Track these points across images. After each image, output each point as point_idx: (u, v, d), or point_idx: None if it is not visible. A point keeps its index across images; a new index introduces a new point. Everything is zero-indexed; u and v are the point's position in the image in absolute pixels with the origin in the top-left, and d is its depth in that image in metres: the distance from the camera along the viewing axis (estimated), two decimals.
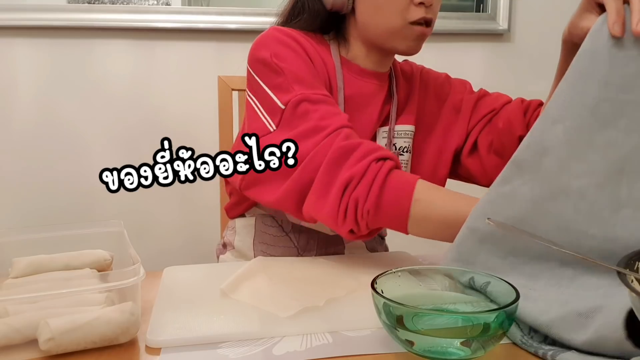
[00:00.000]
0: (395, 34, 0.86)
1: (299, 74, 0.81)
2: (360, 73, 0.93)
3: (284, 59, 0.82)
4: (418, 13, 0.85)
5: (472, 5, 1.80)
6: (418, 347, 0.49)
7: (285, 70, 0.81)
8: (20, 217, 1.65)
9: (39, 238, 0.77)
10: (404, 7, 0.84)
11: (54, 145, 1.65)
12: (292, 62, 0.83)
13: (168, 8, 1.65)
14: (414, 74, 1.02)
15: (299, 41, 0.86)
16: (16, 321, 0.54)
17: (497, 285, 0.55)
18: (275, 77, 0.81)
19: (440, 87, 1.02)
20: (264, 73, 0.83)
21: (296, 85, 0.80)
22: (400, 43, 0.87)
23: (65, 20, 1.59)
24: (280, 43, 0.84)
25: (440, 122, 0.99)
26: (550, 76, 0.87)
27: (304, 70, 0.83)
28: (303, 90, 0.79)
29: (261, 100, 0.82)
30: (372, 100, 0.93)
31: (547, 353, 0.51)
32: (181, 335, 0.56)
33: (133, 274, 0.57)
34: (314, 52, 0.88)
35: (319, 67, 0.87)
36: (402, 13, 0.84)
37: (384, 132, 0.94)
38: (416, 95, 1.00)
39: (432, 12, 0.87)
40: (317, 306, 0.62)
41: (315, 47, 0.89)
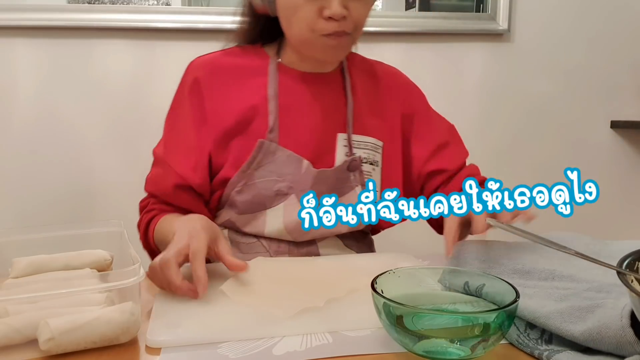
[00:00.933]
0: (308, 45, 0.85)
1: (168, 136, 0.93)
2: (298, 77, 0.92)
3: (170, 117, 0.94)
4: (328, 27, 0.81)
5: (472, 5, 1.80)
6: (418, 347, 0.49)
7: (165, 127, 0.94)
8: (20, 217, 1.65)
9: (39, 238, 0.77)
10: (311, 20, 0.81)
11: (54, 145, 1.65)
12: (172, 120, 0.93)
13: (168, 8, 1.65)
14: (384, 76, 1.01)
15: (198, 78, 0.90)
16: (16, 321, 0.54)
17: (493, 286, 0.55)
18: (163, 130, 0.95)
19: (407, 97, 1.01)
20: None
21: (161, 144, 0.93)
22: (317, 53, 0.86)
23: (65, 20, 1.59)
24: (179, 85, 0.94)
25: (401, 131, 0.99)
26: (550, 76, 0.87)
27: (179, 127, 0.91)
28: (158, 146, 0.93)
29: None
30: (316, 104, 0.92)
31: (542, 354, 0.51)
32: (181, 335, 0.56)
33: (133, 274, 0.57)
34: (222, 78, 0.91)
35: (221, 90, 0.90)
36: (310, 26, 0.82)
37: (344, 140, 0.93)
38: (384, 100, 0.98)
39: (348, 24, 0.82)
40: (317, 307, 0.62)
41: (238, 66, 0.92)
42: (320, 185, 0.89)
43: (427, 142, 0.99)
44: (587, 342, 0.49)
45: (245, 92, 0.91)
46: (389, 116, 0.98)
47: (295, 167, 0.89)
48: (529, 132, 1.90)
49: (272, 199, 0.89)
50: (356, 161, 0.92)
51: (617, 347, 0.47)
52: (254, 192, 0.88)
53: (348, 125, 0.93)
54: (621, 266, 0.47)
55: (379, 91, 0.99)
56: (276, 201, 0.89)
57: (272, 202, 0.89)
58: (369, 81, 0.98)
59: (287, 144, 0.89)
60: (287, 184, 0.88)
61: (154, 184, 0.93)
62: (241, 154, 0.89)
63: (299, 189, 0.89)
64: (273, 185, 0.88)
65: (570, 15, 1.86)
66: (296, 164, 0.89)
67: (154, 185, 0.93)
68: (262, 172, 0.88)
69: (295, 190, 0.89)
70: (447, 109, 1.83)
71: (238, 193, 0.89)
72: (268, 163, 0.88)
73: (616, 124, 1.93)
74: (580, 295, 0.56)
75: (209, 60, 0.94)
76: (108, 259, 0.75)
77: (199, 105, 0.91)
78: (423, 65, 1.81)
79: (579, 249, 0.58)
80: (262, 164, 0.88)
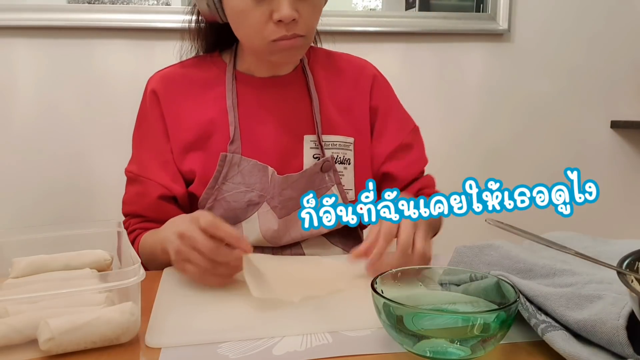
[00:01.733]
0: (259, 50, 0.82)
1: (136, 153, 0.93)
2: (256, 84, 0.91)
3: (135, 126, 0.94)
4: (277, 32, 0.78)
5: (472, 5, 1.80)
6: (418, 347, 0.49)
7: (133, 146, 0.94)
8: (20, 217, 1.64)
9: (39, 238, 0.77)
10: (260, 26, 0.78)
11: (54, 145, 1.65)
12: (137, 129, 0.94)
13: (168, 8, 1.65)
14: (348, 69, 0.97)
15: (157, 93, 0.91)
16: (16, 321, 0.54)
17: (493, 286, 0.55)
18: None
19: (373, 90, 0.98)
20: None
21: (130, 163, 0.93)
22: (270, 57, 0.83)
23: (65, 20, 1.59)
24: (141, 103, 0.95)
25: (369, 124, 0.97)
26: (550, 76, 0.88)
27: (145, 136, 0.92)
28: (130, 167, 0.92)
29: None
30: (277, 109, 0.91)
31: (539, 325, 0.51)
32: (181, 335, 0.56)
33: (133, 274, 0.57)
34: (179, 93, 0.91)
35: (179, 105, 0.90)
36: (260, 32, 0.79)
37: (311, 142, 0.91)
38: (350, 94, 0.96)
39: (297, 26, 0.79)
40: (319, 296, 0.63)
41: (192, 81, 0.92)
42: (291, 190, 0.89)
43: (388, 140, 0.97)
44: (580, 331, 0.50)
45: (203, 105, 0.91)
46: (357, 110, 0.96)
47: (262, 175, 0.88)
48: (529, 132, 1.89)
49: (245, 210, 0.88)
50: (329, 162, 0.91)
51: (608, 343, 0.47)
52: (225, 207, 0.88)
53: (316, 126, 0.91)
54: (621, 266, 0.47)
55: (345, 85, 0.96)
56: (249, 211, 0.88)
57: (245, 214, 0.88)
58: (333, 76, 0.96)
59: (251, 153, 0.88)
60: (257, 192, 0.88)
61: (133, 203, 0.92)
62: (206, 170, 0.88)
63: (269, 197, 0.88)
64: (243, 197, 0.88)
65: (570, 15, 1.86)
66: (262, 172, 0.88)
67: (134, 205, 0.92)
68: (229, 185, 0.87)
69: (266, 197, 0.88)
70: (447, 109, 1.84)
71: (210, 209, 0.88)
72: (234, 175, 0.87)
73: (616, 124, 1.93)
74: (582, 287, 0.56)
75: (165, 75, 0.94)
76: (108, 259, 0.75)
77: (161, 119, 0.91)
78: (423, 65, 1.81)
79: (579, 249, 0.58)
80: (229, 177, 0.87)
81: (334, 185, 0.92)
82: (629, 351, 0.46)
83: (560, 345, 0.49)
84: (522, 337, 0.56)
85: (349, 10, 1.75)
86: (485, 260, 0.69)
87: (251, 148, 0.89)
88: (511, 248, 0.69)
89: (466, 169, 1.76)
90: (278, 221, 0.89)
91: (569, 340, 0.49)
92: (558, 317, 0.51)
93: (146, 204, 0.90)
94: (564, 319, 0.51)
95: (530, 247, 0.72)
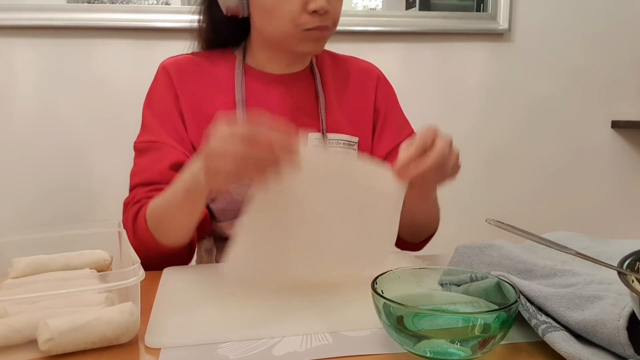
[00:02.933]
0: (290, 39, 0.84)
1: (145, 121, 0.91)
2: (266, 79, 0.92)
3: (145, 103, 0.92)
4: (312, 22, 0.82)
5: (472, 5, 1.80)
6: (418, 348, 0.49)
7: (143, 117, 0.91)
8: (20, 217, 1.64)
9: (39, 238, 0.77)
10: (295, 15, 0.81)
11: (54, 144, 1.65)
12: (147, 106, 0.92)
13: (168, 8, 1.65)
14: (354, 71, 0.99)
15: (170, 75, 0.90)
16: (16, 321, 0.54)
17: (494, 287, 0.55)
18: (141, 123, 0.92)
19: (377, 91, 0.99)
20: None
21: (140, 132, 0.90)
22: (297, 46, 0.85)
23: (65, 20, 1.59)
24: (153, 83, 0.93)
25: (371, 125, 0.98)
26: (550, 76, 0.88)
27: (154, 115, 0.90)
28: (141, 138, 0.90)
29: None
30: (285, 105, 0.91)
31: (539, 325, 0.51)
32: (181, 336, 0.56)
33: (133, 274, 0.57)
34: (190, 81, 0.90)
35: (191, 94, 0.89)
36: (294, 21, 0.82)
37: (316, 140, 0.91)
38: (356, 94, 0.97)
39: (328, 18, 0.83)
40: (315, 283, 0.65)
41: (202, 71, 0.91)
42: None
43: (386, 142, 0.98)
44: (580, 332, 0.50)
45: (212, 96, 0.91)
46: (361, 111, 0.97)
47: None
48: (529, 132, 1.89)
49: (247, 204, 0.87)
50: None
51: (609, 344, 0.47)
52: (228, 199, 0.88)
53: (322, 123, 0.92)
54: (622, 266, 0.47)
55: (351, 86, 0.98)
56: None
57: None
58: (339, 77, 0.98)
59: None
60: None
61: (146, 170, 0.87)
62: None
63: None
64: (246, 190, 0.87)
65: (571, 15, 1.86)
66: None
67: (146, 172, 0.87)
68: None
69: None
70: (447, 109, 1.84)
71: (212, 201, 0.88)
72: None
73: (617, 124, 1.93)
74: (582, 288, 0.56)
75: (178, 61, 0.93)
76: (108, 259, 0.75)
77: (176, 100, 0.90)
78: (423, 65, 1.81)
79: (579, 249, 0.58)
80: None
81: None
82: (630, 352, 0.46)
83: (561, 346, 0.49)
84: (523, 337, 0.56)
85: (349, 10, 1.75)
86: (485, 260, 0.69)
87: None
88: (512, 248, 0.69)
89: (466, 168, 1.76)
90: None
91: (569, 340, 0.49)
92: (559, 318, 0.51)
93: (162, 169, 0.85)
94: (564, 320, 0.51)
95: (530, 247, 0.72)
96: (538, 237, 0.62)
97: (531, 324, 0.53)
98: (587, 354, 0.47)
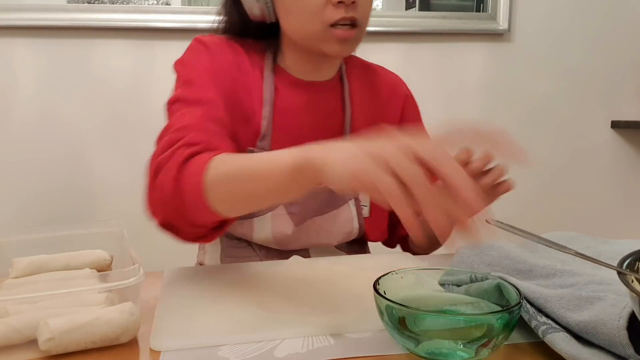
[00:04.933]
0: (315, 38, 0.79)
1: (187, 77, 0.80)
2: (294, 84, 0.88)
3: (183, 64, 0.83)
4: (336, 13, 0.76)
5: (472, 5, 1.80)
6: (420, 349, 0.49)
7: (178, 75, 0.82)
8: (20, 217, 1.64)
9: (39, 238, 0.77)
10: (318, 8, 0.77)
11: (54, 145, 1.65)
12: (188, 66, 0.82)
13: (168, 8, 1.65)
14: (383, 84, 0.96)
15: (210, 48, 0.83)
16: (16, 321, 0.54)
17: (495, 287, 0.55)
18: (176, 83, 0.82)
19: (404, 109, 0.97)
20: (175, 80, 0.83)
21: (180, 88, 0.79)
22: (324, 47, 0.80)
23: (65, 20, 1.59)
24: (188, 50, 0.86)
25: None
26: (550, 76, 0.88)
27: (196, 73, 0.80)
28: (183, 91, 0.78)
29: None
30: (311, 112, 0.88)
31: (540, 327, 0.51)
32: (182, 338, 0.56)
33: (133, 274, 0.57)
34: (228, 62, 0.83)
35: (228, 75, 0.82)
36: (318, 15, 0.77)
37: None
38: (382, 109, 0.95)
39: (356, 10, 0.77)
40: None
41: (237, 56, 0.85)
42: (311, 200, 0.87)
43: None
44: (580, 333, 0.50)
45: (241, 86, 0.85)
46: (385, 123, 0.95)
47: None
48: (529, 132, 1.90)
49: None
50: None
51: (609, 344, 0.47)
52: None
53: (345, 136, 0.89)
54: (621, 266, 0.47)
55: (377, 100, 0.95)
56: (264, 209, 0.85)
57: (259, 210, 0.86)
58: (367, 89, 0.94)
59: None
60: None
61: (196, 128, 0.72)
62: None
63: (289, 202, 0.85)
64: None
65: (570, 15, 1.86)
66: None
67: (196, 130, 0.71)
68: None
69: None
70: (447, 109, 1.84)
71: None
72: None
73: (616, 124, 1.93)
74: (582, 288, 0.56)
75: (213, 40, 0.86)
76: (108, 259, 0.75)
77: (209, 60, 0.82)
78: (423, 65, 1.81)
79: (579, 249, 0.58)
80: None
81: (351, 199, 0.91)
82: (630, 351, 0.46)
83: (562, 347, 0.49)
84: (523, 338, 0.56)
85: None
86: (485, 260, 0.69)
87: (278, 148, 0.84)
88: (511, 248, 0.69)
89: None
90: (293, 228, 0.87)
91: (569, 341, 0.49)
92: (559, 319, 0.51)
93: (217, 131, 0.73)
94: (564, 321, 0.51)
95: (530, 247, 0.72)
96: (538, 237, 0.62)
97: (531, 325, 0.53)
98: (588, 355, 0.47)
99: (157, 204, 0.69)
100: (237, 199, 0.61)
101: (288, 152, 0.55)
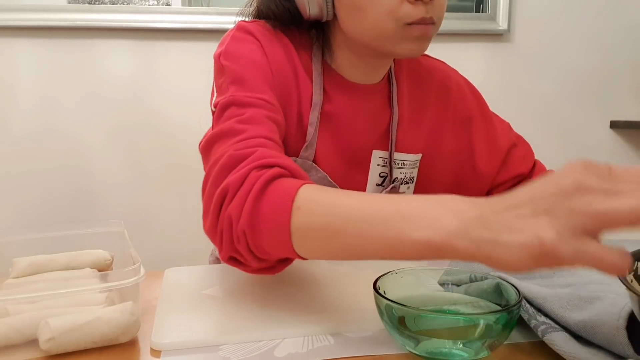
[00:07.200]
0: (389, 38, 0.71)
1: (240, 74, 0.71)
2: (346, 86, 0.81)
3: (230, 57, 0.73)
4: (415, 13, 0.69)
5: (472, 5, 1.81)
6: (420, 349, 0.49)
7: (226, 70, 0.72)
8: (20, 217, 1.64)
9: (39, 238, 0.77)
10: (394, 6, 0.69)
11: (54, 145, 1.65)
12: (237, 61, 0.72)
13: (168, 8, 1.65)
14: (433, 77, 0.89)
15: (259, 40, 0.75)
16: (16, 321, 0.54)
17: (495, 287, 0.55)
18: (219, 77, 0.74)
19: (460, 101, 0.89)
20: (215, 72, 0.75)
21: (233, 86, 0.70)
22: (398, 47, 0.72)
23: (65, 20, 1.59)
24: (234, 40, 0.75)
25: (449, 142, 0.88)
26: (549, 76, 0.88)
27: (249, 70, 0.72)
28: (237, 92, 0.69)
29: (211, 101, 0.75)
30: (358, 117, 0.82)
31: (539, 326, 0.51)
32: (182, 337, 0.56)
33: (133, 274, 0.57)
34: (280, 56, 0.76)
35: (281, 72, 0.75)
36: (393, 14, 0.69)
37: (380, 159, 0.83)
38: (431, 105, 0.87)
39: (434, 9, 0.70)
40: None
41: (286, 50, 0.77)
42: None
43: (493, 151, 0.89)
44: (580, 332, 0.50)
45: (297, 83, 0.77)
46: (432, 123, 0.88)
47: None
48: (529, 132, 1.89)
49: None
50: (395, 188, 0.84)
51: (608, 344, 0.47)
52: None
53: (391, 144, 0.83)
54: None
55: (426, 96, 0.88)
56: None
57: None
58: (415, 86, 0.88)
59: (319, 158, 0.79)
60: None
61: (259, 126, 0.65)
62: None
63: None
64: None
65: (570, 15, 1.86)
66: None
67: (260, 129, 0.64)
68: None
69: None
70: None
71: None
72: None
73: (615, 124, 1.93)
74: (581, 288, 0.56)
75: (261, 29, 0.77)
76: (108, 259, 0.75)
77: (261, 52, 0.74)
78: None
79: None
80: None
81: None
82: (629, 351, 0.46)
83: (561, 346, 0.49)
84: (523, 338, 0.56)
85: None
86: None
87: (322, 155, 0.79)
88: None
89: None
90: None
91: (569, 341, 0.50)
92: (558, 319, 0.51)
93: (281, 143, 0.67)
94: (563, 320, 0.51)
95: None
96: None
97: (531, 324, 0.53)
98: (587, 354, 0.48)
99: (226, 238, 0.57)
100: (333, 255, 0.53)
101: (424, 223, 0.43)
